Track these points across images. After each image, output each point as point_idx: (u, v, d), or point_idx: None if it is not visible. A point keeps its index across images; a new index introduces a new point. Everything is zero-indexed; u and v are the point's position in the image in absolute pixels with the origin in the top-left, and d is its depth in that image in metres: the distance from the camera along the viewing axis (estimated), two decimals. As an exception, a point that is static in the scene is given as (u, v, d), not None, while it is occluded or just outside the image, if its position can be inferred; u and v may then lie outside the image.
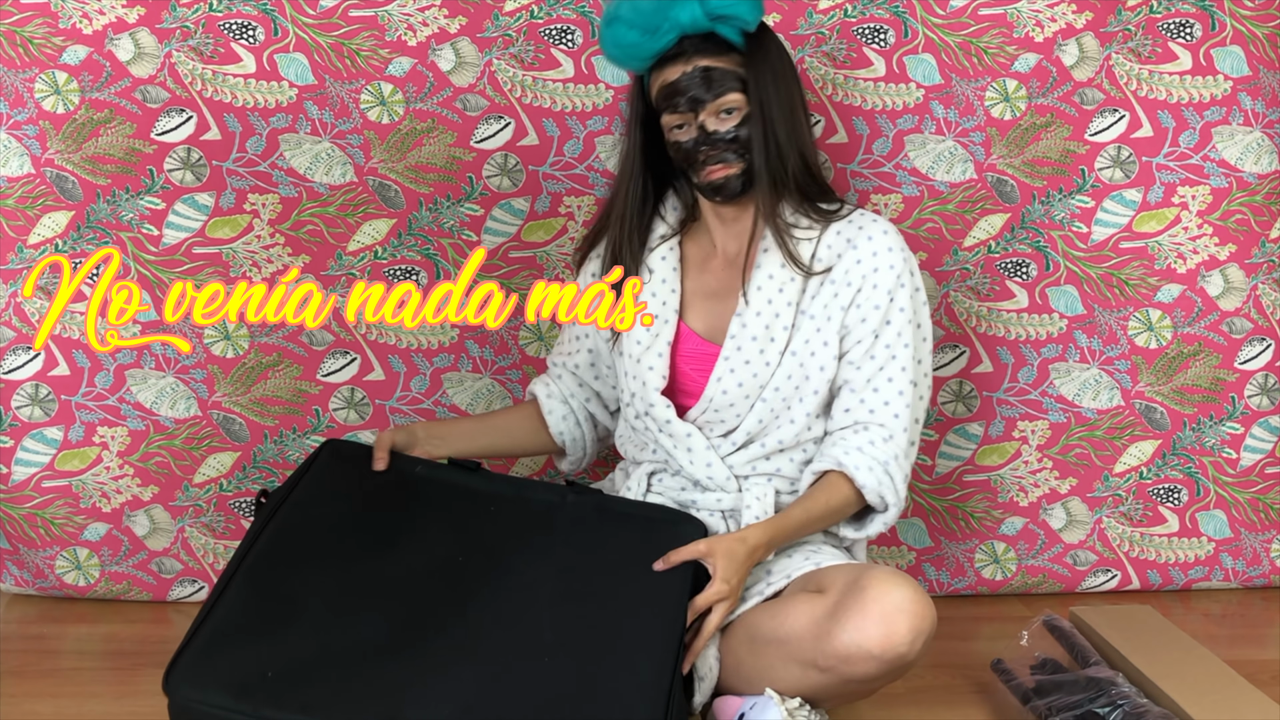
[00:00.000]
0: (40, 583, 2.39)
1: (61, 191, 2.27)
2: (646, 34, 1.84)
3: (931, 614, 1.66)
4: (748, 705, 1.70)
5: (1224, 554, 2.43)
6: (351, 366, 2.34)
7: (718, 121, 1.86)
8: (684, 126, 1.88)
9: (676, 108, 1.87)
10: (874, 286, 1.88)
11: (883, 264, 1.89)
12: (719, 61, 1.85)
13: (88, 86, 2.25)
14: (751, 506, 1.87)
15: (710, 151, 1.86)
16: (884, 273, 1.88)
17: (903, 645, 1.63)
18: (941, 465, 2.39)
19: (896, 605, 1.63)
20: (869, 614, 1.63)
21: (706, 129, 1.86)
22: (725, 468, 1.90)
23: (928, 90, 2.30)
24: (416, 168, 2.30)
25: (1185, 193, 2.34)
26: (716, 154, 1.86)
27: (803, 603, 1.72)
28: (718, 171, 1.87)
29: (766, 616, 1.75)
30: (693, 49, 1.85)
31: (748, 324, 1.90)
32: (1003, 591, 2.43)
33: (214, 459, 2.36)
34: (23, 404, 2.32)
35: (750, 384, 1.89)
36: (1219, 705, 1.77)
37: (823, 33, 2.28)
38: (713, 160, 1.87)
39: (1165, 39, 2.30)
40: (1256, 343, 2.38)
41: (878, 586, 1.65)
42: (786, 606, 1.73)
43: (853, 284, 1.89)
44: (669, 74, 1.87)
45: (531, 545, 1.78)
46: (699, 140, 1.87)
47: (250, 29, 2.25)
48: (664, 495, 1.93)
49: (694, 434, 1.91)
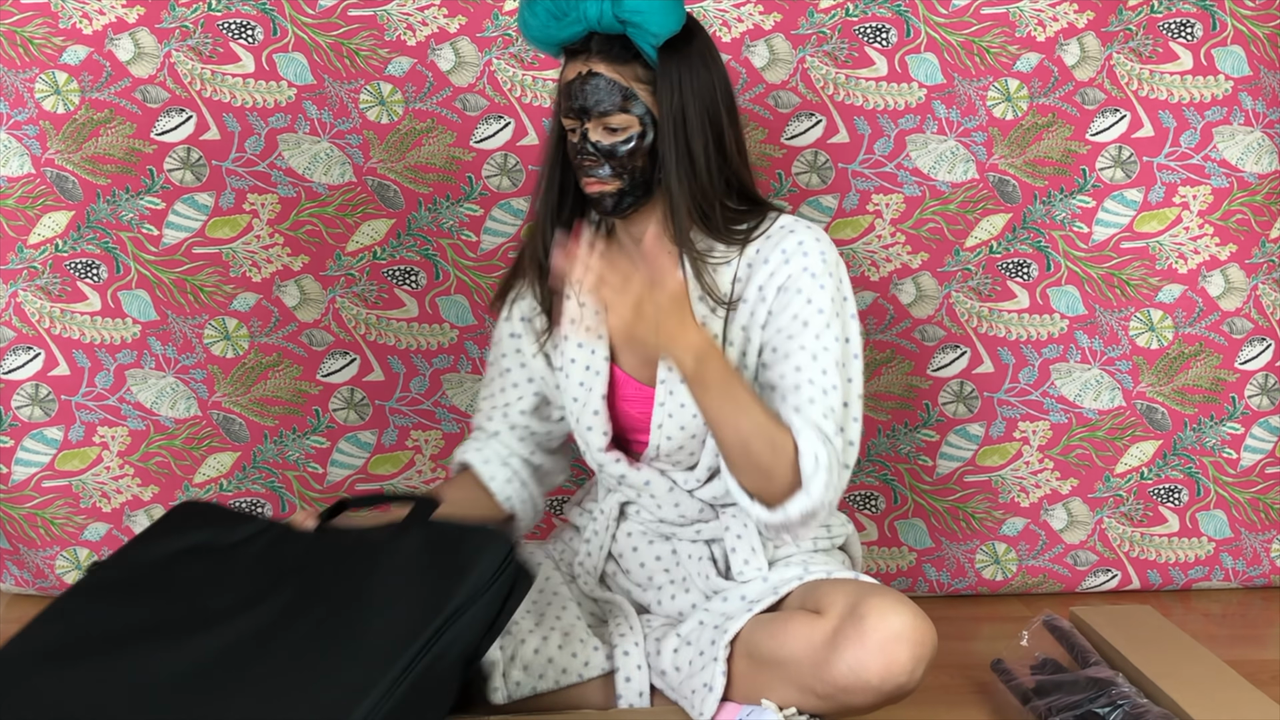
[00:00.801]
0: (40, 583, 2.39)
1: (61, 191, 2.27)
2: (553, 19, 1.71)
3: (932, 638, 1.62)
4: (745, 713, 1.69)
5: (1224, 554, 2.42)
6: (351, 367, 2.34)
7: (601, 134, 1.71)
8: (574, 130, 1.74)
9: (567, 111, 1.73)
10: (786, 290, 1.73)
11: (795, 268, 1.72)
12: (617, 74, 1.70)
13: (88, 86, 2.25)
14: (742, 536, 1.79)
15: (585, 161, 1.72)
16: (797, 277, 1.72)
17: (903, 675, 1.59)
18: (942, 466, 2.39)
19: (896, 633, 1.58)
20: (868, 644, 1.58)
21: (589, 137, 1.72)
22: (695, 502, 1.82)
23: (929, 90, 2.29)
24: (416, 168, 2.30)
25: (1186, 193, 2.34)
26: (592, 165, 1.72)
27: (801, 625, 1.66)
28: (593, 185, 1.73)
29: (765, 635, 1.68)
30: (596, 49, 1.70)
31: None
32: (1003, 592, 2.43)
33: (214, 459, 2.36)
34: (23, 404, 2.32)
35: (692, 424, 1.76)
36: (1219, 705, 1.76)
37: (824, 32, 2.28)
38: (587, 171, 1.73)
39: (1166, 39, 2.30)
40: (1257, 343, 2.37)
41: (877, 615, 1.59)
42: (785, 627, 1.67)
43: (766, 299, 1.74)
44: (568, 71, 1.73)
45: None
46: (578, 147, 1.73)
47: (249, 29, 2.25)
48: (643, 526, 1.87)
49: (653, 480, 1.82)
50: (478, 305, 2.33)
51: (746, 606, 1.75)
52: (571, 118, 1.73)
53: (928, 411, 2.37)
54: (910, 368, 2.36)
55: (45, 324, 2.30)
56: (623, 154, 1.72)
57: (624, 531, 1.88)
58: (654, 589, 1.85)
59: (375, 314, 2.33)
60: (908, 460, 2.38)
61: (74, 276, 2.29)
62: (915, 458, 2.38)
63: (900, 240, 2.32)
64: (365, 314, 2.32)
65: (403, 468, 2.38)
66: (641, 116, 1.71)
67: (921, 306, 2.34)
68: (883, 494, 2.40)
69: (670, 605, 1.83)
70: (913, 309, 2.34)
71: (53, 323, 2.30)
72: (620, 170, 1.72)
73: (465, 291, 2.33)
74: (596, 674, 1.77)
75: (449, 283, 2.33)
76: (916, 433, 2.38)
